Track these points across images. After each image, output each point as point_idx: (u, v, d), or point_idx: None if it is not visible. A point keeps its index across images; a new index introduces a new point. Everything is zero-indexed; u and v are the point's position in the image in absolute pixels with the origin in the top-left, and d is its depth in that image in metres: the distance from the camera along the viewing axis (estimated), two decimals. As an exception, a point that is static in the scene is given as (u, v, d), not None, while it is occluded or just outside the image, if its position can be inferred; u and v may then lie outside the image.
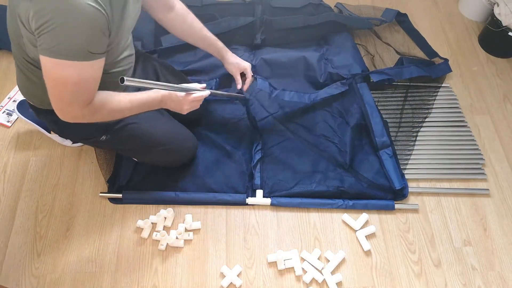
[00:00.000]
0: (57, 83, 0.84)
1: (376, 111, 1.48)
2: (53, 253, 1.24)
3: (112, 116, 1.01)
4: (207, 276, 1.22)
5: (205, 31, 1.24)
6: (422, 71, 1.58)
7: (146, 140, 1.21)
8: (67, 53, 0.79)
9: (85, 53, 0.81)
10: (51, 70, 0.82)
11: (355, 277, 1.23)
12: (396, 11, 1.81)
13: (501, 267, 1.27)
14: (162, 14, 1.19)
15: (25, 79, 1.02)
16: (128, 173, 1.36)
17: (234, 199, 1.33)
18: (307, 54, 1.61)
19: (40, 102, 1.07)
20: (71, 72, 0.82)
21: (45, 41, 0.78)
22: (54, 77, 0.83)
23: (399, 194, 1.35)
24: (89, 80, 0.87)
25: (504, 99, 1.63)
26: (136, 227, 1.29)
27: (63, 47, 0.78)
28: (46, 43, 0.78)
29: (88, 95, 0.90)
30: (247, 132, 1.47)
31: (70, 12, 0.75)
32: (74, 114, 0.92)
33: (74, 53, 0.80)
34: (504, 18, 1.61)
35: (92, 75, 0.87)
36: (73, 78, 0.83)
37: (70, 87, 0.85)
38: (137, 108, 1.04)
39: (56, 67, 0.81)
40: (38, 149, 1.42)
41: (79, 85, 0.85)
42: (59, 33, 0.77)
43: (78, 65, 0.81)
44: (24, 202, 1.32)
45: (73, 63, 0.81)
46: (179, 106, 1.11)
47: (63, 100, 0.89)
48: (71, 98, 0.88)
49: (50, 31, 0.77)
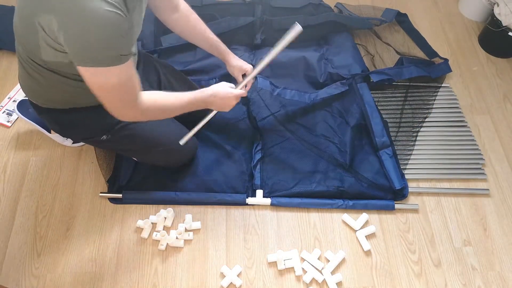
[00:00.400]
0: (102, 89, 0.89)
1: (376, 111, 1.48)
2: (53, 253, 1.24)
3: (163, 113, 1.06)
4: (207, 276, 1.22)
5: (208, 33, 1.25)
6: (422, 71, 1.59)
7: (146, 140, 1.21)
8: (98, 61, 0.82)
9: (118, 57, 0.84)
10: (92, 79, 0.86)
11: (355, 277, 1.23)
12: (396, 11, 1.81)
13: (501, 267, 1.27)
14: (167, 14, 1.20)
15: (30, 79, 1.02)
16: (128, 173, 1.36)
17: (234, 199, 1.33)
18: (307, 54, 1.61)
19: (44, 101, 1.07)
20: (112, 78, 0.86)
21: (77, 53, 0.81)
22: (98, 85, 0.87)
23: (399, 194, 1.35)
24: (129, 80, 0.90)
25: (504, 99, 1.63)
26: (136, 227, 1.29)
27: (94, 56, 0.81)
28: (79, 55, 0.81)
29: (132, 93, 0.94)
30: (247, 132, 1.47)
31: (94, 22, 0.77)
32: (130, 115, 0.99)
33: (108, 60, 0.82)
34: (504, 18, 1.61)
35: (130, 74, 0.90)
36: (115, 82, 0.87)
37: (115, 91, 0.89)
38: (184, 105, 1.08)
39: (96, 77, 0.85)
40: (38, 149, 1.43)
41: (121, 86, 0.89)
42: (89, 44, 0.79)
43: (111, 69, 0.84)
44: (24, 202, 1.32)
45: (106, 69, 0.83)
46: (228, 103, 1.15)
47: (115, 104, 0.94)
48: (120, 100, 0.93)
49: (80, 43, 0.79)
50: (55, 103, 1.07)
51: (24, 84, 1.07)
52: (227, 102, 1.15)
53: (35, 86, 1.03)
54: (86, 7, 0.75)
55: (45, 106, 1.08)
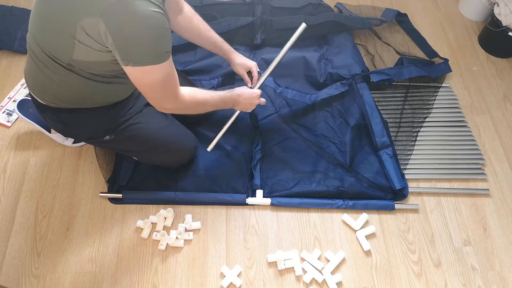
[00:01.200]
0: (149, 87, 0.95)
1: (376, 111, 1.48)
2: (53, 253, 1.24)
3: (198, 108, 1.14)
4: (207, 276, 1.22)
5: (211, 33, 1.29)
6: (422, 71, 1.58)
7: (148, 140, 1.22)
8: (148, 60, 0.87)
9: (163, 55, 0.89)
10: (141, 77, 0.92)
11: (355, 277, 1.23)
12: (396, 11, 1.81)
13: (501, 267, 1.27)
14: (172, 16, 1.21)
15: (42, 77, 1.02)
16: (128, 173, 1.36)
17: (234, 199, 1.33)
18: (307, 54, 1.61)
19: (52, 100, 1.07)
20: (158, 74, 0.91)
21: (127, 53, 0.85)
22: (145, 83, 0.94)
23: (399, 194, 1.35)
24: (173, 75, 0.97)
25: (504, 99, 1.63)
26: (136, 227, 1.29)
27: (144, 55, 0.86)
28: (129, 55, 0.85)
29: (175, 87, 1.01)
30: (247, 132, 1.47)
31: (143, 23, 0.81)
32: (170, 107, 1.06)
33: (153, 58, 0.87)
34: (504, 18, 1.61)
35: (172, 69, 0.96)
36: (159, 79, 0.93)
37: (160, 86, 0.95)
38: (216, 102, 1.17)
39: (144, 75, 0.90)
40: (38, 149, 1.43)
41: (166, 82, 0.95)
42: (139, 44, 0.84)
43: (159, 67, 0.89)
44: (24, 202, 1.32)
45: (155, 67, 0.89)
46: (252, 101, 1.26)
47: (159, 98, 1.01)
48: (164, 95, 1.00)
49: (130, 44, 0.83)
50: (63, 102, 1.07)
51: (34, 82, 1.07)
52: (252, 101, 1.26)
53: (46, 84, 1.03)
54: (135, 9, 0.79)
55: (51, 105, 1.08)
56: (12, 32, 1.64)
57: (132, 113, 1.18)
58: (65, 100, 1.07)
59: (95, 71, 0.98)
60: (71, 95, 1.05)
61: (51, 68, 0.97)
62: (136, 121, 1.18)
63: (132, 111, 1.18)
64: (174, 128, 1.29)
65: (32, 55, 1.00)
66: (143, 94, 0.99)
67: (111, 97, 1.12)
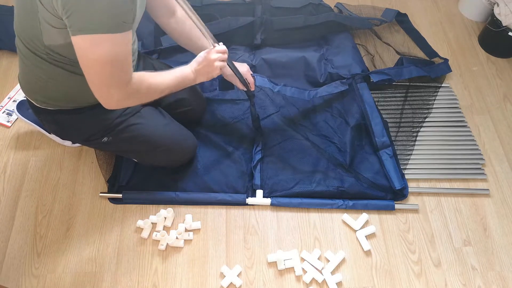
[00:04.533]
0: (95, 63, 0.85)
1: (376, 111, 1.48)
2: (53, 253, 1.24)
3: (151, 95, 1.02)
4: (207, 276, 1.22)
5: (202, 40, 1.22)
6: (422, 71, 1.58)
7: (147, 141, 1.21)
8: (100, 26, 0.79)
9: (117, 25, 0.81)
10: (88, 49, 0.82)
11: (355, 277, 1.23)
12: (396, 11, 1.81)
13: (501, 267, 1.27)
14: (164, 18, 1.20)
15: (30, 75, 1.02)
16: (128, 173, 1.36)
17: (234, 199, 1.33)
18: (307, 54, 1.61)
19: (44, 99, 1.07)
20: (107, 47, 0.83)
21: (77, 19, 0.79)
22: (92, 57, 0.84)
23: (399, 194, 1.35)
24: (123, 55, 0.87)
25: (504, 99, 1.63)
26: (136, 227, 1.29)
27: (96, 21, 0.79)
28: (79, 22, 0.79)
29: (125, 72, 0.91)
30: (247, 132, 1.47)
31: None
32: (117, 97, 0.93)
33: (107, 25, 0.80)
34: (504, 18, 1.61)
35: (126, 48, 0.87)
36: (109, 54, 0.84)
37: (108, 66, 0.85)
38: (172, 81, 1.05)
39: (92, 45, 0.81)
40: (38, 149, 1.43)
41: (117, 61, 0.86)
42: (89, 7, 0.77)
43: (112, 38, 0.82)
44: (24, 202, 1.32)
45: (107, 36, 0.81)
46: (210, 63, 1.11)
47: (105, 83, 0.89)
48: (111, 79, 0.89)
49: (80, 8, 0.77)
50: (54, 101, 1.07)
51: (24, 82, 1.07)
52: (211, 63, 1.11)
53: (35, 82, 1.03)
54: None
55: (44, 106, 1.08)
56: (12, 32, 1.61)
57: (129, 113, 1.17)
58: (55, 99, 1.06)
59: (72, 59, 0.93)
60: (60, 92, 1.04)
61: (35, 63, 0.97)
62: (133, 122, 1.17)
63: (128, 111, 1.17)
64: (172, 128, 1.28)
65: (19, 53, 1.00)
66: (88, 78, 0.88)
67: None
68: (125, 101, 0.97)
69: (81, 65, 0.87)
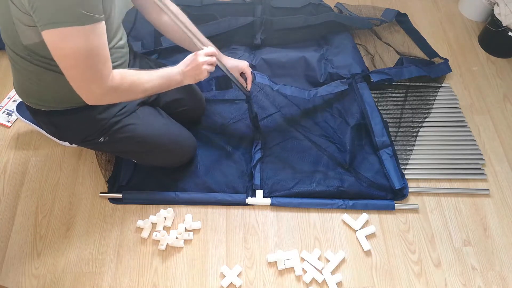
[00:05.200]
0: (71, 58, 0.84)
1: (376, 111, 1.48)
2: (53, 253, 1.24)
3: (134, 92, 0.99)
4: (207, 276, 1.22)
5: (198, 36, 1.21)
6: (422, 71, 1.58)
7: (145, 141, 1.20)
8: (67, 19, 0.78)
9: (86, 16, 0.79)
10: (60, 44, 0.81)
11: (355, 277, 1.23)
12: (396, 11, 1.81)
13: (501, 267, 1.27)
14: (155, 15, 1.18)
15: (21, 78, 1.02)
16: (128, 173, 1.36)
17: (234, 199, 1.33)
18: (307, 54, 1.61)
19: (37, 101, 1.06)
20: (79, 41, 0.81)
21: (43, 14, 0.77)
22: (65, 53, 0.83)
23: (399, 194, 1.35)
24: (99, 47, 0.85)
25: (504, 99, 1.63)
26: (136, 227, 1.29)
27: (62, 14, 0.77)
28: (46, 16, 0.77)
29: (103, 65, 0.89)
30: (247, 132, 1.46)
31: None
32: (98, 92, 0.92)
33: (74, 17, 0.78)
34: (504, 18, 1.61)
35: (99, 41, 0.85)
36: (82, 47, 0.82)
37: (83, 59, 0.84)
38: (156, 80, 1.03)
39: (63, 40, 0.80)
40: (38, 149, 1.43)
41: (91, 54, 0.84)
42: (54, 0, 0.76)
43: (81, 30, 0.80)
44: (24, 202, 1.32)
45: (76, 29, 0.79)
46: (198, 66, 1.09)
47: (83, 78, 0.88)
48: (90, 73, 0.87)
49: (45, 1, 0.76)
50: (49, 102, 1.06)
51: (17, 86, 1.07)
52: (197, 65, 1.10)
53: (26, 85, 1.02)
54: None
55: (39, 108, 1.07)
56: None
57: (125, 113, 1.15)
58: (48, 100, 1.05)
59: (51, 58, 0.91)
60: (50, 93, 1.03)
61: (22, 66, 0.96)
62: (129, 122, 1.15)
63: (124, 111, 1.15)
64: (171, 128, 1.27)
65: (10, 58, 1.00)
66: (66, 74, 0.87)
67: None
68: (106, 96, 0.94)
69: (56, 61, 0.85)
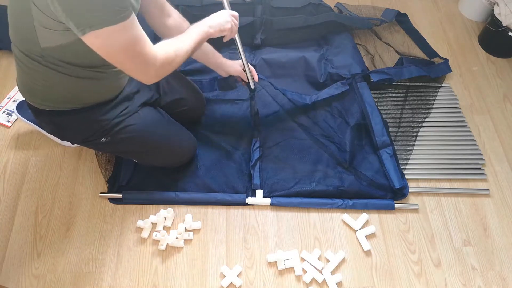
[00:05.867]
0: (122, 54, 0.87)
1: (376, 110, 1.48)
2: (53, 253, 1.24)
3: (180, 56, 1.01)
4: (207, 276, 1.22)
5: None
6: (422, 71, 1.59)
7: (145, 141, 1.21)
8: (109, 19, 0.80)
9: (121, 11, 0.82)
10: (108, 44, 0.84)
11: (355, 277, 1.23)
12: (396, 11, 1.81)
13: (501, 267, 1.27)
14: (158, 20, 1.19)
15: (27, 78, 1.02)
16: (128, 173, 1.36)
17: (234, 199, 1.33)
18: (307, 54, 1.61)
19: (41, 101, 1.06)
20: (124, 36, 0.84)
21: (80, 19, 0.79)
22: (116, 51, 0.86)
23: (399, 193, 1.35)
24: (139, 34, 0.88)
25: (504, 99, 1.63)
26: (136, 227, 1.29)
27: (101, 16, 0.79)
28: (83, 20, 0.79)
29: (149, 49, 0.91)
30: (247, 132, 1.46)
31: None
32: (153, 72, 0.95)
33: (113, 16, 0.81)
34: (504, 18, 1.61)
35: (137, 28, 0.88)
36: (129, 41, 0.86)
37: (130, 50, 0.87)
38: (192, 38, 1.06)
39: (109, 39, 0.83)
40: (38, 149, 1.43)
41: (135, 43, 0.87)
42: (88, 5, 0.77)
43: (124, 26, 0.83)
44: (24, 202, 1.32)
45: (119, 26, 0.82)
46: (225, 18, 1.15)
47: (137, 66, 0.92)
48: (140, 60, 0.90)
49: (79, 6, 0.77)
50: (53, 103, 1.06)
51: (22, 85, 1.07)
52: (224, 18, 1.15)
53: (32, 85, 1.03)
54: None
55: (43, 108, 1.07)
56: (12, 32, 1.63)
57: (127, 114, 1.16)
58: (53, 101, 1.06)
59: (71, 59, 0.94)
60: (57, 94, 1.04)
61: (31, 67, 0.97)
62: (131, 122, 1.16)
63: (126, 111, 1.16)
64: (171, 128, 1.28)
65: (15, 58, 1.00)
66: (122, 68, 0.92)
67: (98, 95, 1.09)
68: (161, 71, 0.98)
69: (106, 59, 0.88)
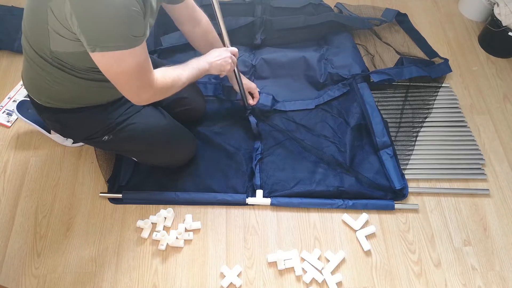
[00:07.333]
0: (123, 76, 0.90)
1: (376, 111, 1.48)
2: (53, 253, 1.24)
3: (175, 86, 1.05)
4: (207, 276, 1.22)
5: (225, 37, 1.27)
6: (422, 71, 1.58)
7: (146, 140, 1.22)
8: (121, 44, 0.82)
9: (135, 39, 0.84)
10: (112, 65, 0.86)
11: (355, 277, 1.23)
12: (396, 11, 1.81)
13: (501, 267, 1.27)
14: (187, 26, 1.23)
15: (35, 76, 1.02)
16: (128, 173, 1.36)
17: (234, 199, 1.33)
18: (307, 54, 1.61)
19: (48, 99, 1.07)
20: (131, 61, 0.86)
21: (93, 37, 0.80)
22: (118, 72, 0.88)
23: (399, 194, 1.35)
24: (145, 60, 0.91)
25: (504, 99, 1.63)
26: (136, 227, 1.29)
27: (115, 40, 0.81)
28: (95, 38, 0.80)
29: (150, 75, 0.95)
30: (248, 132, 1.47)
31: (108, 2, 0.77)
32: (146, 96, 0.99)
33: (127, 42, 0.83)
34: (504, 18, 1.61)
35: (145, 55, 0.91)
36: (134, 66, 0.88)
37: (134, 74, 0.90)
38: (190, 72, 1.10)
39: (116, 62, 0.85)
40: (38, 149, 1.43)
41: (140, 69, 0.90)
42: (106, 26, 0.79)
43: (134, 52, 0.85)
44: (24, 202, 1.32)
45: (129, 52, 0.84)
46: (225, 59, 1.19)
47: (133, 89, 0.95)
48: (139, 84, 0.94)
49: (96, 26, 0.79)
50: (59, 102, 1.07)
51: (28, 82, 1.07)
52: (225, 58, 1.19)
53: (40, 83, 1.03)
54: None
55: (48, 105, 1.08)
56: (12, 32, 1.64)
57: (130, 113, 1.18)
58: (59, 100, 1.07)
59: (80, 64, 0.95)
60: (64, 94, 1.05)
61: (40, 66, 0.97)
62: (134, 121, 1.18)
63: (129, 111, 1.18)
64: (172, 128, 1.29)
65: (25, 54, 1.00)
66: (117, 86, 0.93)
67: (105, 96, 1.11)
68: (154, 97, 1.01)
69: (108, 77, 0.90)
